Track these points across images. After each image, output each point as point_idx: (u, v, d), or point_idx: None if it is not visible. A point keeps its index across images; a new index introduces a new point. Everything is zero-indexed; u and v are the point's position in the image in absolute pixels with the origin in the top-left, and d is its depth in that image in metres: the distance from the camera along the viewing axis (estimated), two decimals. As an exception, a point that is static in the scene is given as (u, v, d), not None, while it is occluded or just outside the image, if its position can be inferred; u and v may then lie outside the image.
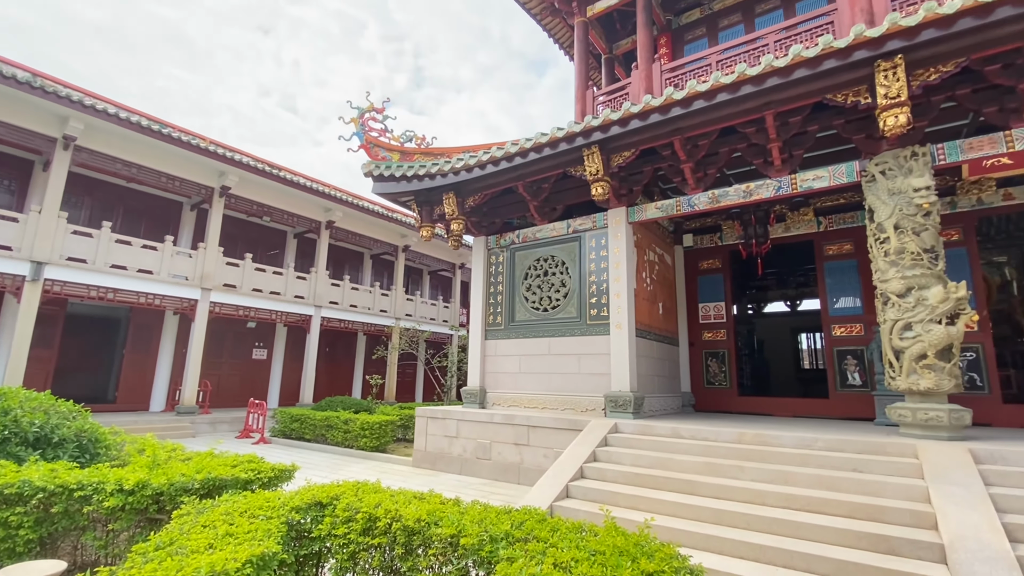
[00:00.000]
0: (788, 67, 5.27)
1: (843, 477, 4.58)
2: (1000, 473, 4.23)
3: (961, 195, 7.35)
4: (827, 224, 8.37)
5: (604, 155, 7.05)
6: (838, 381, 8.11)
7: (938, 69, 4.96)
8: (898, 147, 5.52)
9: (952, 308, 5.05)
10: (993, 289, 12.42)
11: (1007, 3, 4.41)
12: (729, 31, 9.51)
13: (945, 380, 5.04)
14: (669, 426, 6.22)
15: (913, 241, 5.26)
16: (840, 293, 8.37)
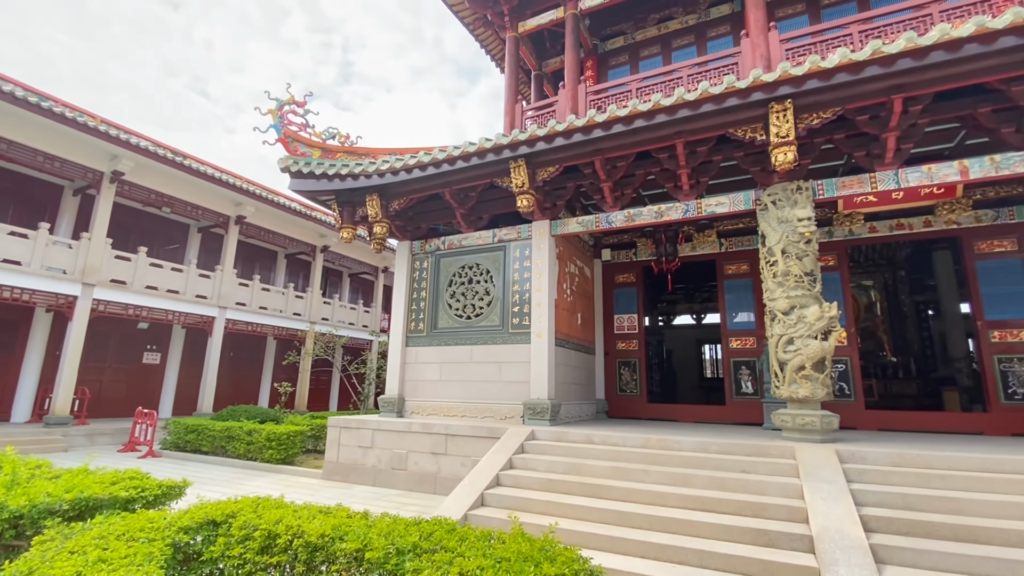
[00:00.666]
0: (697, 101, 5.75)
1: (733, 478, 5.02)
2: (859, 471, 4.84)
3: (836, 226, 8.39)
4: (728, 246, 9.17)
5: (530, 169, 7.24)
6: (734, 389, 8.87)
7: (820, 115, 5.66)
8: (787, 181, 6.21)
9: (826, 325, 5.74)
10: (861, 309, 14.23)
11: (874, 63, 5.14)
12: (649, 61, 10.19)
13: (819, 389, 5.70)
14: (583, 432, 6.46)
15: (797, 265, 5.92)
16: (737, 309, 9.19)
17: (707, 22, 9.76)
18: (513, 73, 10.17)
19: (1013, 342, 7.41)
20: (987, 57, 4.89)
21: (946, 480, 4.53)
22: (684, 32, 9.97)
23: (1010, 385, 7.38)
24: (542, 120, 9.65)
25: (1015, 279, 7.52)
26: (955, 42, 4.75)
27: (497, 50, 11.81)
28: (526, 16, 10.12)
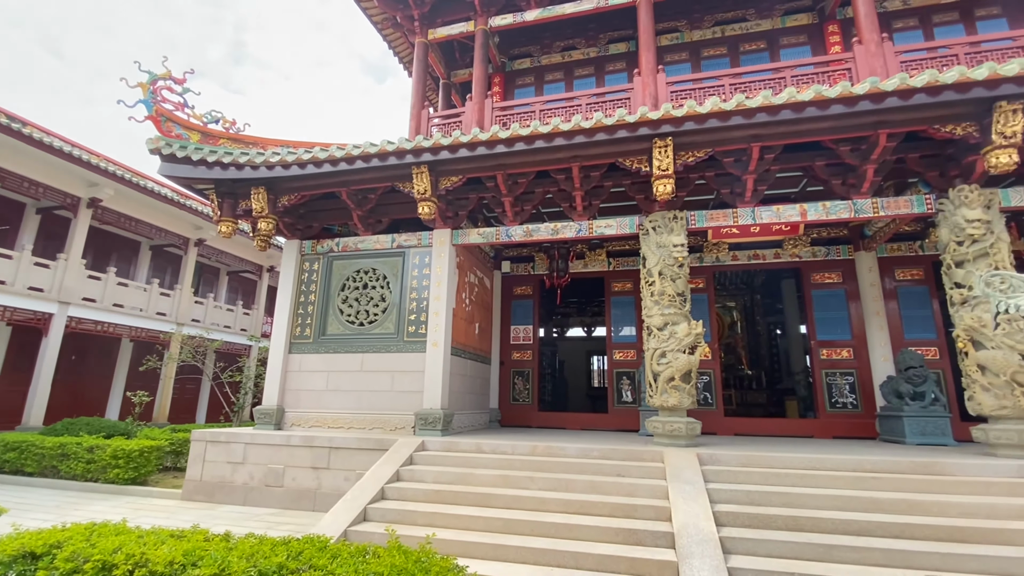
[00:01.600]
0: (591, 129, 6.17)
1: (610, 481, 5.36)
2: (715, 471, 5.43)
3: (706, 253, 9.42)
4: (616, 265, 9.87)
5: (433, 176, 7.22)
6: (616, 398, 9.51)
7: (695, 153, 6.36)
8: (666, 210, 6.87)
9: (693, 341, 6.40)
10: (724, 327, 16.04)
11: (738, 114, 5.90)
12: (553, 85, 10.71)
13: (686, 398, 6.32)
14: (473, 442, 6.50)
15: (671, 286, 6.55)
16: (622, 324, 9.90)
17: (606, 56, 10.53)
18: (421, 79, 10.09)
19: (836, 359, 8.85)
20: (822, 120, 5.86)
21: (782, 477, 5.26)
22: (585, 63, 10.64)
23: (833, 395, 8.78)
24: (448, 129, 9.67)
25: (839, 306, 9.00)
26: (799, 104, 5.64)
27: (406, 54, 11.65)
28: (436, 24, 10.13)
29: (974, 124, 5.69)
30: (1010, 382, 5.60)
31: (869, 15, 7.82)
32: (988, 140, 5.58)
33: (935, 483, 4.92)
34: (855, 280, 8.89)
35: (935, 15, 9.15)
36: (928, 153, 6.40)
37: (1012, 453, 5.47)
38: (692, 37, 10.09)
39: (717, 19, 10.03)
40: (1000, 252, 5.90)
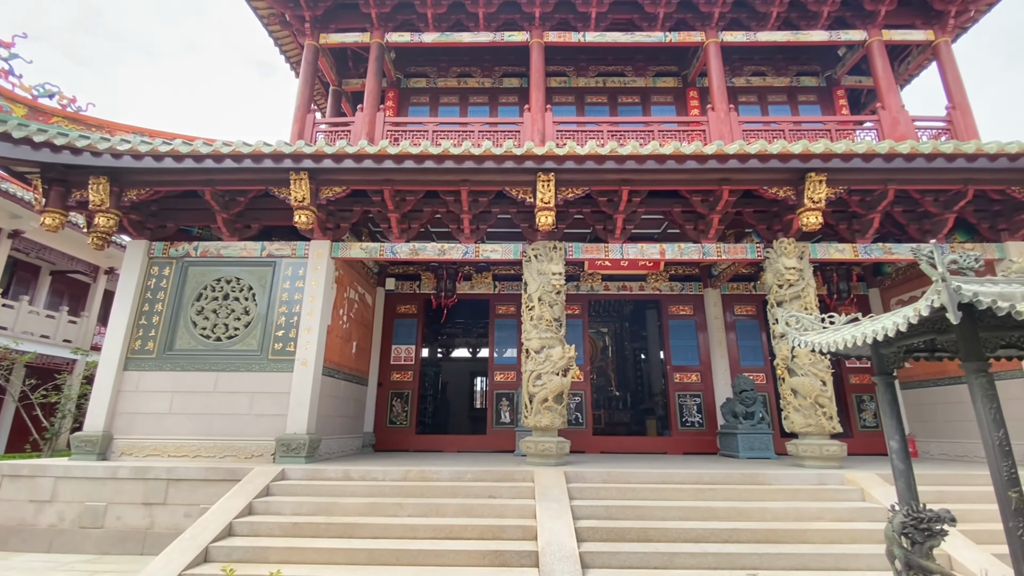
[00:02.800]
0: (481, 156, 6.36)
1: (482, 504, 5.39)
2: (580, 489, 5.73)
3: (582, 282, 10.10)
4: (501, 288, 10.15)
5: (314, 184, 6.85)
6: (494, 419, 9.64)
7: (574, 190, 6.84)
8: (547, 239, 7.27)
9: (566, 364, 6.77)
10: (597, 351, 17.18)
11: (611, 159, 6.50)
12: (448, 108, 10.86)
13: (557, 418, 6.63)
14: (341, 468, 6.13)
15: (548, 311, 6.90)
16: (505, 345, 10.14)
17: (500, 88, 10.97)
18: (309, 83, 9.60)
19: (687, 382, 9.94)
20: (679, 172, 6.69)
21: (636, 492, 5.71)
22: (480, 91, 10.98)
23: (684, 415, 9.82)
24: (335, 137, 9.28)
25: (690, 335, 10.17)
26: (661, 156, 6.38)
27: (294, 54, 11.02)
28: (330, 30, 9.77)
29: (792, 189, 6.90)
30: (814, 404, 6.75)
31: (720, 87, 9.17)
32: (802, 203, 6.79)
33: (757, 492, 5.71)
34: (703, 313, 10.14)
35: (770, 95, 11.02)
36: (760, 209, 7.60)
37: (815, 464, 6.55)
38: (578, 83, 10.95)
39: (600, 70, 11.03)
40: (809, 295, 7.16)
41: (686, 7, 9.50)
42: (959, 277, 2.02)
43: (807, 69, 11.08)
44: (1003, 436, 1.74)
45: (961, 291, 1.71)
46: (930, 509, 2.16)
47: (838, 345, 2.35)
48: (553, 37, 9.49)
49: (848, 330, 2.38)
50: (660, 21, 9.50)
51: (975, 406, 1.86)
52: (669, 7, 9.38)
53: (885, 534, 2.22)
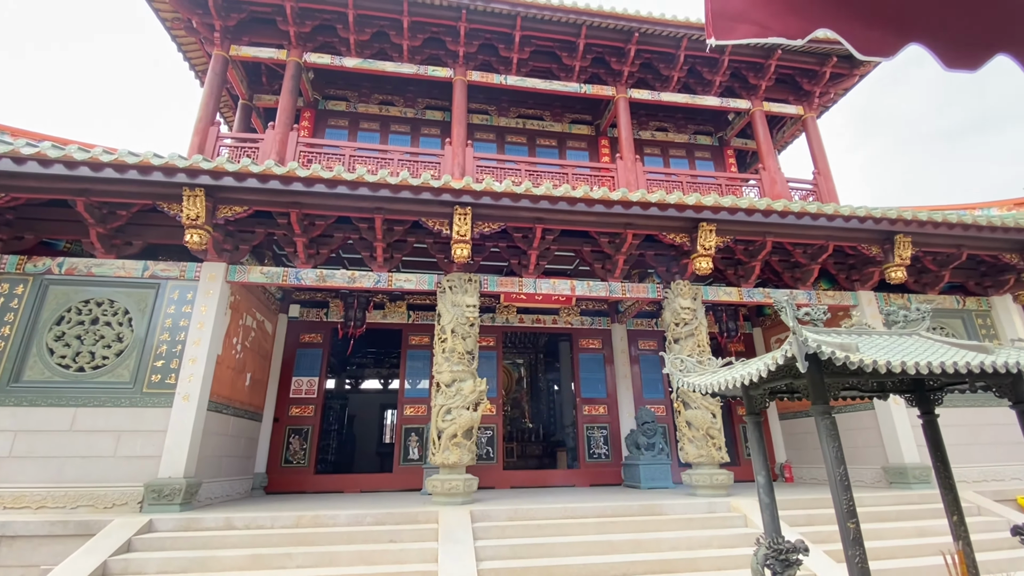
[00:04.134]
0: (397, 186, 6.29)
1: (381, 550, 5.08)
2: (485, 528, 5.61)
3: (498, 314, 10.19)
4: (415, 318, 9.93)
5: (210, 202, 6.35)
6: (402, 456, 9.25)
7: (490, 225, 6.96)
8: (462, 271, 7.28)
9: (477, 398, 6.71)
10: (512, 382, 17.27)
11: (526, 197, 6.71)
12: (368, 134, 10.69)
13: (466, 454, 6.50)
14: (222, 516, 5.51)
15: (461, 344, 6.84)
16: (416, 377, 9.86)
17: (422, 120, 11.03)
18: (214, 95, 9.01)
19: (595, 414, 10.25)
20: (589, 215, 7.07)
21: (543, 528, 5.70)
22: (402, 121, 10.96)
23: (592, 447, 10.07)
24: (241, 153, 8.73)
25: (599, 368, 10.57)
26: (572, 199, 6.71)
27: (199, 62, 10.34)
28: (242, 42, 9.32)
29: (687, 236, 7.54)
30: (706, 435, 7.24)
31: (628, 139, 9.93)
32: (695, 249, 7.43)
33: (654, 523, 5.94)
34: (611, 347, 10.61)
35: (671, 149, 12.10)
36: (660, 253, 8.20)
37: (707, 492, 6.97)
38: (499, 122, 11.32)
39: (521, 112, 11.50)
40: (702, 333, 7.76)
41: (600, 63, 10.27)
42: (810, 328, 2.32)
43: (703, 129, 12.36)
44: (843, 472, 1.99)
45: (808, 343, 1.96)
46: (788, 540, 2.38)
47: (713, 387, 2.58)
48: (476, 76, 9.78)
49: (723, 373, 2.62)
50: (576, 73, 10.17)
51: (821, 444, 2.11)
52: (584, 62, 10.09)
53: (751, 567, 2.40)
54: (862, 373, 2.03)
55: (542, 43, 9.80)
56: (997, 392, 2.66)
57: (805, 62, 10.54)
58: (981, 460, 7.90)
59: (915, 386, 2.92)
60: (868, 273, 8.34)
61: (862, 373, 2.03)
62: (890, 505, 6.67)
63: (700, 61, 10.39)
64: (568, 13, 9.25)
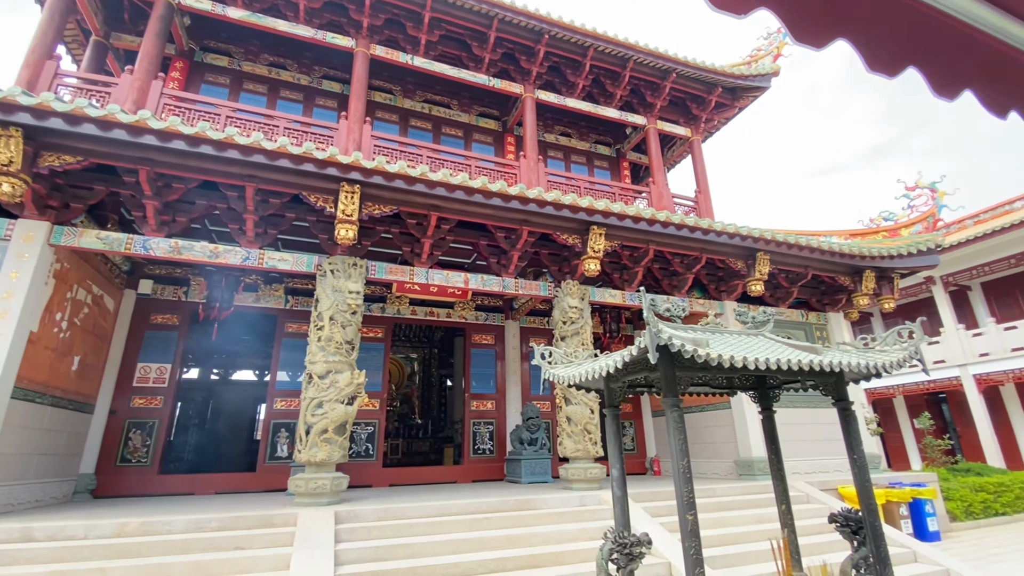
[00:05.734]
0: (274, 152, 5.66)
1: (223, 559, 4.50)
2: (350, 529, 5.23)
3: (389, 304, 9.72)
4: (294, 303, 9.12)
5: (32, 146, 5.23)
6: (268, 453, 8.43)
7: (381, 208, 6.55)
8: (347, 255, 6.78)
9: (354, 391, 6.27)
10: (404, 376, 16.74)
11: (422, 182, 6.41)
12: (253, 96, 9.63)
13: (336, 451, 6.04)
14: (19, 527, 4.54)
15: (340, 333, 6.36)
16: (292, 369, 9.07)
17: (318, 89, 10.20)
18: (56, 22, 7.51)
19: (483, 410, 10.19)
20: (486, 207, 6.95)
21: (413, 528, 5.45)
22: (295, 87, 10.04)
23: (477, 443, 9.99)
24: (89, 96, 7.37)
25: (490, 364, 10.54)
26: (469, 189, 6.55)
27: (39, -19, 8.58)
28: (98, -34, 7.89)
29: (579, 238, 7.74)
30: (584, 430, 7.46)
31: (533, 138, 10.01)
32: (586, 251, 7.65)
33: (528, 517, 5.96)
34: (503, 343, 10.63)
35: (573, 155, 12.45)
36: (554, 252, 8.34)
37: (581, 486, 7.17)
38: (403, 104, 10.83)
39: (427, 97, 11.11)
40: (586, 332, 8.01)
41: (510, 59, 10.24)
42: (668, 324, 2.39)
43: (603, 139, 12.89)
44: (686, 465, 2.05)
45: (660, 334, 1.98)
46: (633, 534, 2.43)
47: (576, 378, 2.57)
48: (380, 51, 9.23)
49: (587, 365, 2.62)
50: (486, 65, 10.03)
51: (668, 436, 2.16)
52: (495, 55, 9.99)
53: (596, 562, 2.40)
54: (710, 368, 2.12)
55: (453, 28, 9.53)
56: (823, 390, 2.96)
57: (695, 88, 11.41)
58: (812, 454, 9.07)
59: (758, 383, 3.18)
60: (733, 285, 9.20)
61: (710, 368, 2.12)
62: (738, 495, 7.37)
63: (604, 73, 10.80)
64: (480, 2, 9.08)
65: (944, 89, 1.14)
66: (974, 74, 1.15)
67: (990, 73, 1.15)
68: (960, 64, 1.12)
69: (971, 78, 1.15)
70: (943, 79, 1.13)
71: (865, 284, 9.57)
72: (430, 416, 16.08)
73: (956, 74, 1.14)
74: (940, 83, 1.13)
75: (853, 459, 2.90)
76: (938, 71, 1.12)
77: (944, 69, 1.12)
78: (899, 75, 1.09)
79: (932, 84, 1.12)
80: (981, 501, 8.99)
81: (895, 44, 1.07)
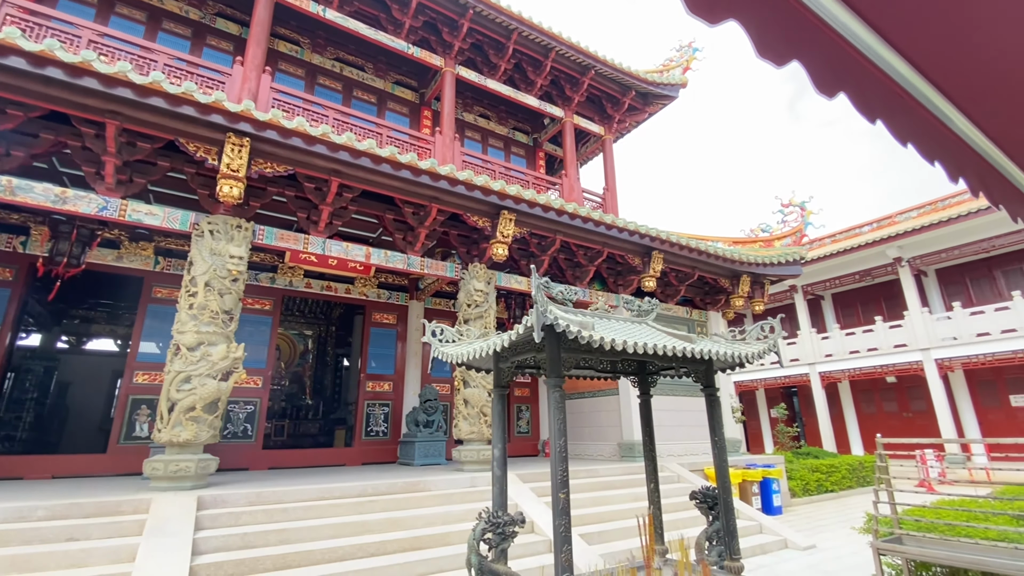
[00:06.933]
0: (145, 88, 4.89)
1: (49, 552, 3.88)
2: (215, 516, 4.77)
3: (280, 275, 8.98)
4: (165, 265, 8.09)
5: None
6: (124, 432, 7.46)
7: (274, 166, 5.96)
8: (231, 215, 6.10)
9: (229, 366, 5.70)
10: (297, 354, 15.73)
11: (323, 143, 5.94)
12: (124, 22, 8.29)
13: (204, 431, 5.46)
14: None
15: (217, 301, 5.72)
16: (158, 338, 8.06)
17: (211, 28, 9.04)
18: None
19: (379, 391, 9.86)
20: (395, 179, 6.62)
21: (288, 512, 5.10)
22: (182, 21, 8.81)
23: (370, 425, 9.65)
24: None
25: (390, 344, 10.20)
26: (376, 157, 6.19)
27: None
28: None
29: (490, 221, 7.68)
30: (480, 413, 7.49)
31: (450, 115, 9.73)
32: (495, 235, 7.61)
33: (415, 499, 5.86)
34: (406, 324, 10.34)
35: (491, 138, 12.33)
36: (464, 234, 8.21)
37: (473, 467, 7.20)
38: (312, 59, 9.98)
39: (339, 56, 10.34)
40: (490, 316, 8.01)
41: (432, 29, 9.83)
42: (558, 306, 2.40)
43: (521, 127, 12.92)
44: (563, 444, 2.08)
45: (547, 314, 1.98)
46: (508, 514, 2.44)
47: (464, 357, 2.51)
48: (288, -4, 8.38)
49: (477, 344, 2.57)
50: (406, 31, 9.54)
51: (549, 416, 2.18)
52: (416, 21, 9.53)
53: (468, 544, 2.38)
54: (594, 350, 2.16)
55: (372, -15, 8.92)
56: (695, 377, 3.19)
57: (612, 88, 11.80)
58: (688, 439, 9.93)
59: (639, 369, 3.35)
60: (630, 280, 9.73)
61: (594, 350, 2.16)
62: (618, 475, 7.86)
63: (527, 59, 10.78)
64: (404, -38, 8.58)
65: (823, 87, 1.20)
66: (847, 77, 1.22)
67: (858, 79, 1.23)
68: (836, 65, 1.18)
69: (845, 81, 1.22)
70: (822, 77, 1.18)
71: (742, 287, 10.61)
72: (323, 397, 15.29)
73: (833, 74, 1.19)
74: (819, 81, 1.18)
75: (714, 440, 3.16)
76: (817, 69, 1.17)
77: (822, 68, 1.17)
78: (785, 65, 1.12)
79: (813, 80, 1.17)
80: (816, 480, 10.46)
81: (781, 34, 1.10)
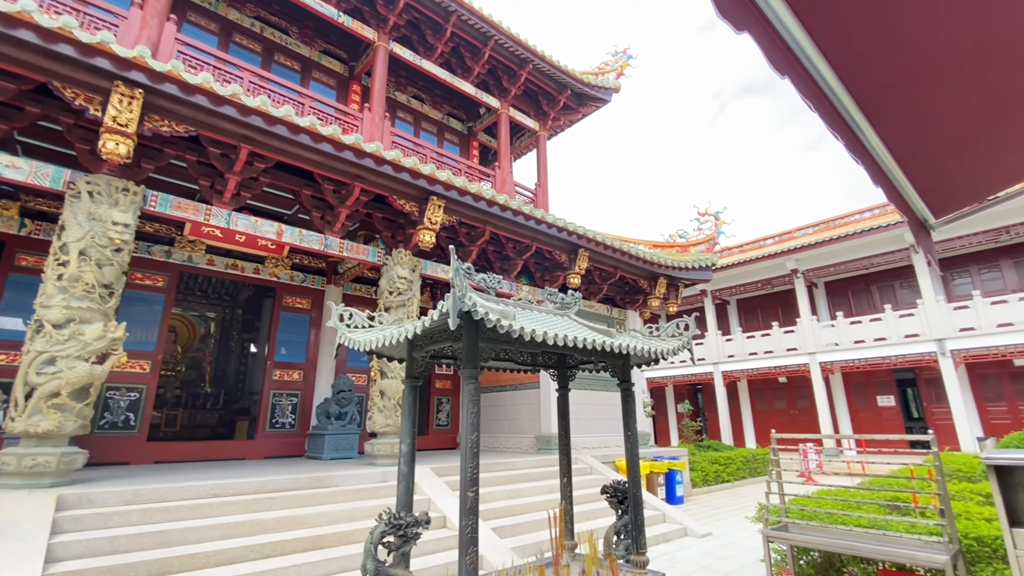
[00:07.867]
0: (11, 18, 4.12)
1: None
2: (78, 517, 4.17)
3: (178, 248, 8.09)
4: (33, 229, 6.98)
5: None
6: (-32, 422, 6.34)
7: (172, 125, 5.30)
8: (116, 175, 5.34)
9: (107, 347, 5.01)
10: (195, 337, 14.38)
11: (231, 104, 5.37)
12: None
13: (71, 421, 4.76)
14: None
15: (94, 273, 5.00)
16: (21, 313, 6.94)
17: (105, -39, 7.89)
18: None
19: (288, 380, 9.22)
20: (314, 152, 6.15)
21: (171, 512, 4.58)
22: (68, -52, 7.60)
23: (276, 416, 9.00)
24: None
25: (302, 331, 9.57)
26: (294, 127, 5.71)
27: None
28: None
29: (418, 206, 7.39)
30: (397, 405, 7.21)
31: (381, 92, 9.27)
32: (423, 221, 7.34)
33: (320, 496, 5.51)
34: (321, 309, 9.75)
35: (423, 122, 11.94)
36: (389, 218, 7.84)
37: (386, 462, 6.92)
38: (228, 14, 9.06)
39: (260, 14, 9.48)
40: (413, 305, 7.74)
41: (366, -1, 9.29)
42: (479, 293, 2.29)
43: (456, 114, 12.64)
44: (475, 439, 1.98)
45: (464, 300, 1.86)
46: (411, 515, 2.30)
47: (373, 344, 2.33)
48: (201, -61, 7.52)
49: (388, 330, 2.40)
50: (337, -3, 8.94)
51: (462, 409, 2.07)
52: (349, -12, 8.95)
53: (364, 548, 2.21)
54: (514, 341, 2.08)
55: (300, -58, 8.24)
56: (611, 372, 3.22)
57: (548, 85, 11.86)
58: (603, 432, 10.26)
59: (559, 362, 3.34)
60: (556, 276, 9.85)
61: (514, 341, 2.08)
62: (533, 468, 7.93)
63: (465, 44, 10.53)
64: (338, -78, 8.00)
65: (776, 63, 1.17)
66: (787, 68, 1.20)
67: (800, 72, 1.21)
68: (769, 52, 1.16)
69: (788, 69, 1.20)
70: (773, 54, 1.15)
71: (659, 289, 11.13)
72: (224, 385, 14.10)
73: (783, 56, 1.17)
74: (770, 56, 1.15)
75: (627, 435, 3.21)
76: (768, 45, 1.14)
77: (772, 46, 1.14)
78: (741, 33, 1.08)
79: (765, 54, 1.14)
80: (715, 471, 11.25)
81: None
